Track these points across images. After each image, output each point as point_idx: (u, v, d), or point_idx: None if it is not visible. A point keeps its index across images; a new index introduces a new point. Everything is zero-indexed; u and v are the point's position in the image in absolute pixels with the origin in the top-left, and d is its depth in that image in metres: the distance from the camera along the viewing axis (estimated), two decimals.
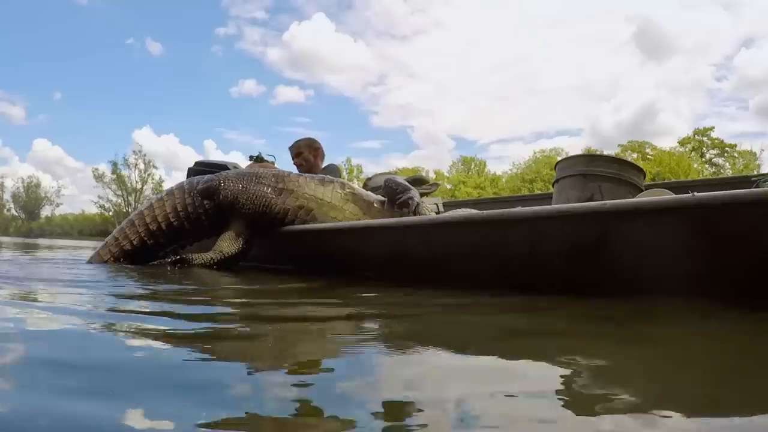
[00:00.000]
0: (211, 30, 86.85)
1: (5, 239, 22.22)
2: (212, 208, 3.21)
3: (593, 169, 3.27)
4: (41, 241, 18.37)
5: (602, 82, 65.34)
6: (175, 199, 3.25)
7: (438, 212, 3.42)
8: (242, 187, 3.15)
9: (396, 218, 2.75)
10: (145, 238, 3.23)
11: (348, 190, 3.21)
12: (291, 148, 4.29)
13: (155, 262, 3.18)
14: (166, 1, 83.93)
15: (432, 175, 41.39)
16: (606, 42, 67.87)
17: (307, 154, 4.18)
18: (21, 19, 76.67)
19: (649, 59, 63.02)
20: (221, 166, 4.70)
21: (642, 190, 3.33)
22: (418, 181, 3.47)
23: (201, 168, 4.74)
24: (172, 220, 3.21)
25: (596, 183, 3.21)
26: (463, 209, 2.82)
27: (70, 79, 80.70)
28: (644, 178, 3.48)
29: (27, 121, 77.24)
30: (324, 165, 4.30)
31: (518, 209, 2.11)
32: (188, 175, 4.76)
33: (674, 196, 1.83)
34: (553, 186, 3.55)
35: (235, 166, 4.74)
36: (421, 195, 3.50)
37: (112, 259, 3.29)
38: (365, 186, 3.87)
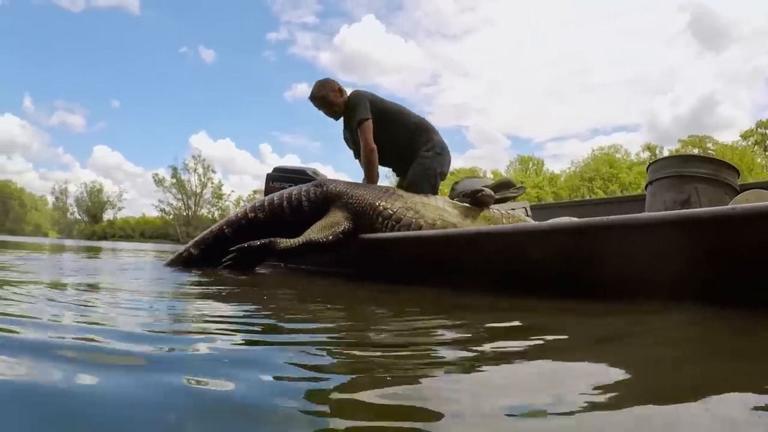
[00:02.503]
0: (263, 36, 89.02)
1: (69, 242, 22.93)
2: (316, 195, 3.34)
3: (688, 170, 3.21)
4: (109, 244, 18.68)
5: (658, 75, 63.32)
6: (285, 189, 3.56)
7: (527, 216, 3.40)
8: (352, 185, 3.35)
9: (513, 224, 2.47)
10: (249, 213, 3.51)
11: (448, 200, 3.22)
12: (315, 102, 3.85)
13: (245, 245, 3.20)
14: (218, 9, 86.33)
15: (489, 176, 40.80)
16: (660, 33, 65.71)
17: (330, 100, 3.76)
18: (78, 32, 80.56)
19: (705, 49, 60.66)
20: (300, 172, 4.80)
21: (737, 191, 3.24)
22: (504, 184, 3.47)
23: (280, 174, 4.86)
24: (275, 199, 3.47)
25: (692, 184, 3.14)
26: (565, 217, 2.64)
27: (127, 87, 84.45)
28: (738, 177, 3.38)
29: (86, 128, 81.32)
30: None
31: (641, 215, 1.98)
32: (267, 181, 4.88)
33: None
34: (646, 188, 3.49)
35: (315, 173, 4.82)
36: (508, 199, 3.50)
37: (214, 233, 3.54)
38: (452, 190, 3.89)
